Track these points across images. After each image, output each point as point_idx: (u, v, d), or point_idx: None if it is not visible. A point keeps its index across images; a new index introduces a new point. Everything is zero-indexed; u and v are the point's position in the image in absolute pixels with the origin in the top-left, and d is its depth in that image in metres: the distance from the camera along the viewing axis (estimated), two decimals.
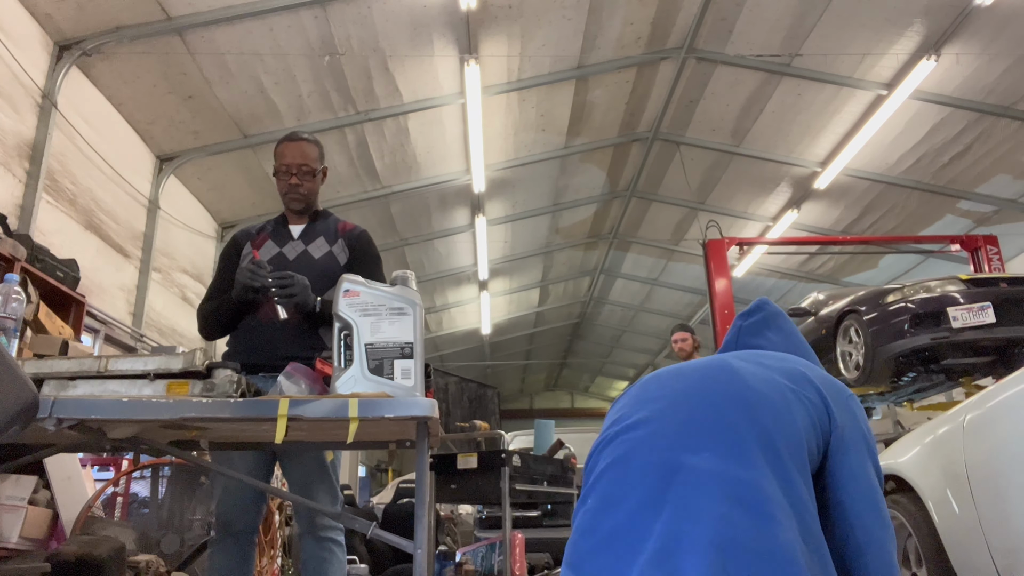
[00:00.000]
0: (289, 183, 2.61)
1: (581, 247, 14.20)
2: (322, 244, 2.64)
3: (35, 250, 5.34)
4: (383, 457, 19.12)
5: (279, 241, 2.65)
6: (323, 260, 2.61)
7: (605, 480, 1.36)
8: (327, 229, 2.69)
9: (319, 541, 2.41)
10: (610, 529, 1.28)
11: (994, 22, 7.35)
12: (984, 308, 5.16)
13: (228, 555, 2.41)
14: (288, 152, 2.61)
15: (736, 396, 1.38)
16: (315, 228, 2.69)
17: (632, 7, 7.84)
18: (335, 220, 2.76)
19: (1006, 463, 2.11)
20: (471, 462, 3.89)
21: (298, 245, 2.63)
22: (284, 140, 2.65)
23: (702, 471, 1.27)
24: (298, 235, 2.66)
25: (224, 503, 2.43)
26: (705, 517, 1.21)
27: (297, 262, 2.58)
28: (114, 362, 1.81)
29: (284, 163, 2.61)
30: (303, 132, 2.73)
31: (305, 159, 2.61)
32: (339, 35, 7.11)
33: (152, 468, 4.47)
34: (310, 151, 2.63)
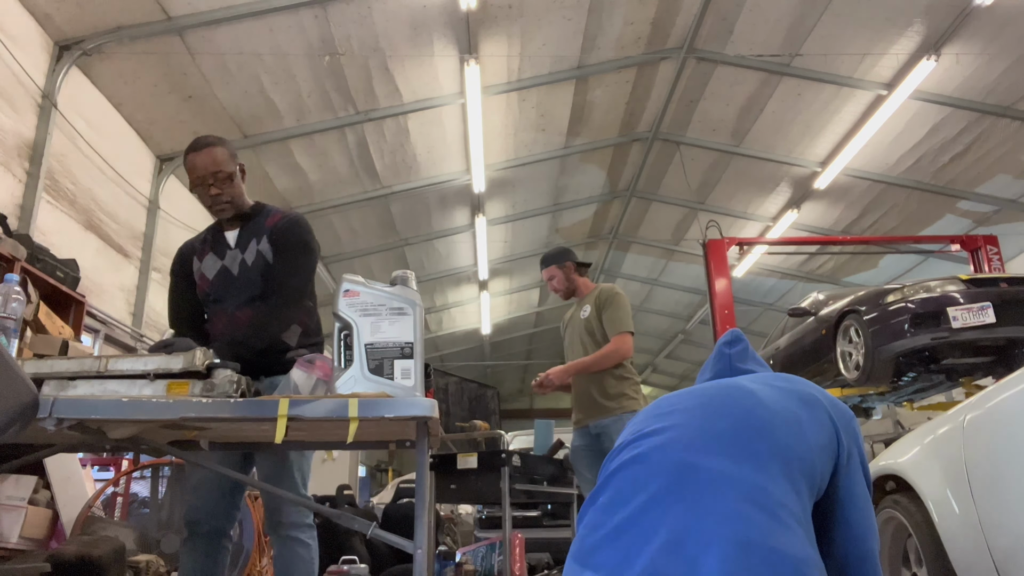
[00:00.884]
0: (210, 195, 2.45)
1: (581, 247, 14.19)
2: (253, 248, 2.52)
3: (35, 250, 5.33)
4: (383, 457, 19.12)
5: (219, 253, 2.55)
6: (255, 266, 2.50)
7: (617, 478, 1.36)
8: (258, 228, 2.54)
9: (283, 541, 2.39)
10: (619, 522, 1.27)
11: (994, 22, 7.35)
12: (984, 308, 5.16)
13: (195, 556, 2.40)
14: (198, 163, 2.44)
15: (751, 412, 1.40)
16: (248, 230, 2.55)
17: (632, 7, 7.84)
18: (267, 214, 2.60)
19: (1006, 463, 2.11)
20: (471, 462, 3.89)
21: (236, 255, 2.53)
22: (189, 151, 2.47)
23: (718, 472, 1.28)
24: (234, 243, 2.55)
25: (193, 503, 2.42)
26: (722, 514, 1.22)
27: (241, 276, 2.50)
28: (114, 362, 1.81)
29: (198, 175, 2.44)
30: (207, 136, 2.52)
31: (217, 165, 2.44)
32: (339, 35, 7.11)
33: (152, 468, 4.47)
34: (219, 155, 2.45)
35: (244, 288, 2.48)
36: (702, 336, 16.21)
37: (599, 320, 3.90)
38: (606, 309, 3.89)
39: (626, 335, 3.83)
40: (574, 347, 4.00)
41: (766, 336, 8.65)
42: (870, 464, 2.99)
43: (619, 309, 3.90)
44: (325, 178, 9.23)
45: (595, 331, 3.91)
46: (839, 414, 1.50)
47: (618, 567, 1.22)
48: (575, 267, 4.13)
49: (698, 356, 18.08)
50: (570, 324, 4.14)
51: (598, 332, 3.90)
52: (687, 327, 16.84)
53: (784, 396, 1.48)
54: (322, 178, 9.18)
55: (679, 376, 20.53)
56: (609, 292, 3.98)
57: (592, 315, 3.92)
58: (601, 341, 3.87)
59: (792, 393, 1.50)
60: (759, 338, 10.01)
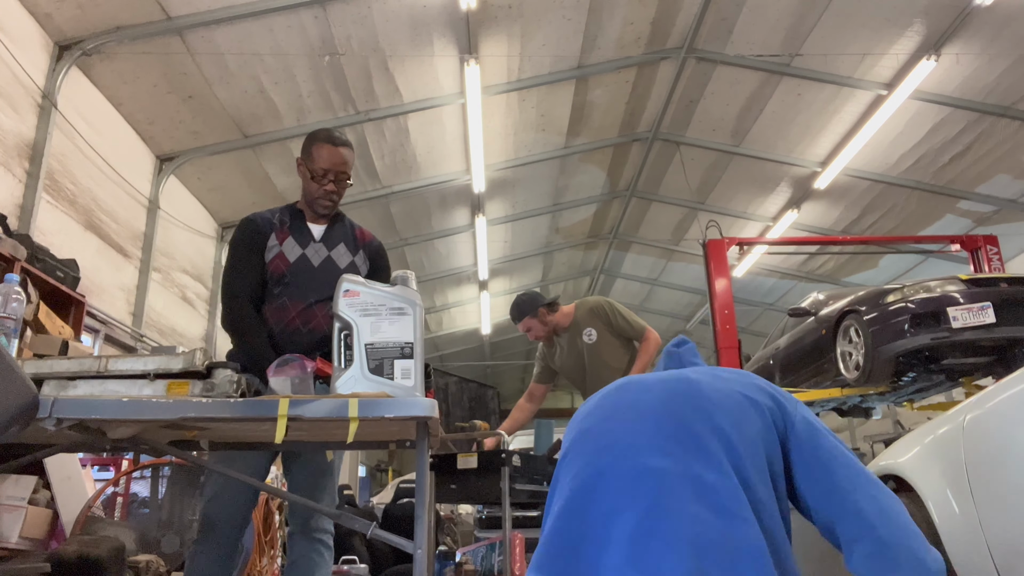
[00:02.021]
0: (325, 188, 2.50)
1: (581, 247, 14.20)
2: (344, 252, 2.56)
3: (35, 250, 5.33)
4: (383, 457, 19.11)
5: (301, 241, 2.54)
6: (347, 270, 2.52)
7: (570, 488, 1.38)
8: (346, 235, 2.61)
9: (311, 541, 2.40)
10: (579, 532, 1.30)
11: (994, 22, 7.35)
12: (984, 308, 5.16)
13: (210, 555, 2.38)
14: (330, 156, 2.48)
15: (696, 405, 1.43)
16: (335, 232, 2.59)
17: (632, 7, 7.84)
18: (351, 224, 2.67)
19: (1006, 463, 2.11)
20: (471, 462, 3.88)
21: (321, 249, 2.55)
22: (326, 141, 2.50)
23: (669, 473, 1.30)
24: (319, 237, 2.56)
25: (216, 503, 2.39)
26: (676, 516, 1.24)
27: (322, 268, 2.51)
28: (114, 362, 1.81)
29: (323, 167, 2.48)
30: (341, 134, 2.56)
31: (345, 166, 2.51)
32: (339, 35, 7.11)
33: (152, 468, 4.47)
34: (350, 157, 2.53)
35: (325, 284, 2.42)
36: (702, 336, 16.20)
37: (615, 334, 4.09)
38: (614, 320, 4.08)
39: (648, 327, 4.08)
40: (598, 372, 4.10)
41: (766, 336, 8.65)
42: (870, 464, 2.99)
43: (626, 315, 4.11)
44: None
45: (614, 346, 4.08)
46: (781, 392, 1.53)
47: None
48: (547, 309, 4.16)
49: None
50: (570, 354, 4.22)
51: (618, 347, 4.08)
52: (687, 327, 16.83)
53: (727, 384, 1.50)
54: None
55: None
56: (602, 307, 4.13)
57: (603, 333, 4.06)
58: (622, 350, 4.08)
59: (735, 382, 1.52)
60: (759, 338, 10.02)
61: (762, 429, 1.42)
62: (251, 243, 2.51)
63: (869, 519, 1.33)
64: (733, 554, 1.20)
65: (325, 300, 2.41)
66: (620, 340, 4.09)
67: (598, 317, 4.08)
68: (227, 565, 2.41)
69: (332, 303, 2.40)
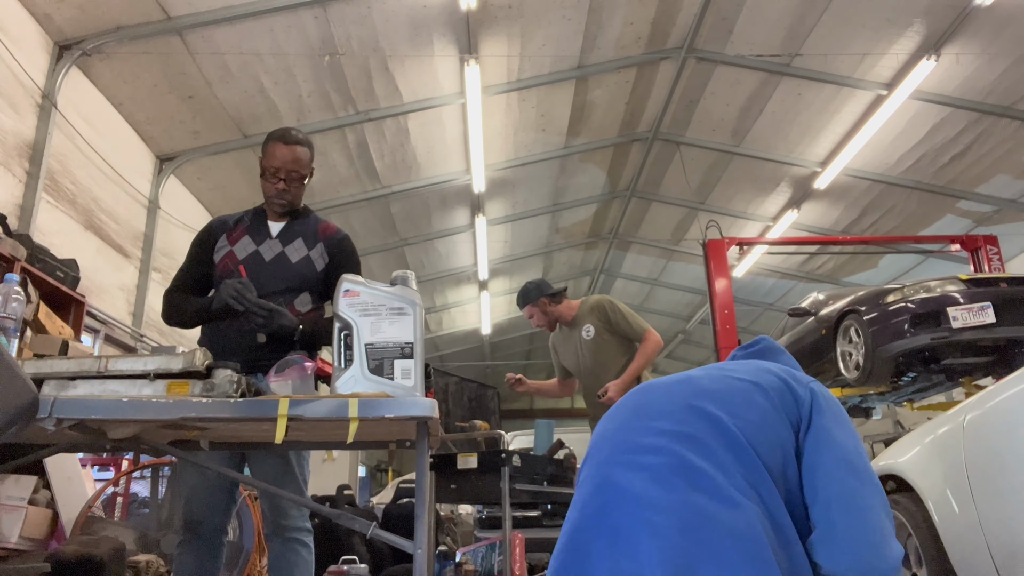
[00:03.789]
0: (276, 187, 2.51)
1: (581, 247, 14.20)
2: (300, 247, 2.55)
3: (35, 250, 5.33)
4: (383, 457, 19.12)
5: (256, 238, 2.56)
6: (300, 264, 2.52)
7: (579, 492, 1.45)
8: (306, 230, 2.59)
9: (286, 542, 2.38)
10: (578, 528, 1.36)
11: (994, 22, 7.35)
12: (984, 308, 5.16)
13: (196, 556, 2.39)
14: (279, 154, 2.49)
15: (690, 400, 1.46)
16: (294, 228, 2.59)
17: (632, 7, 7.84)
18: (316, 220, 2.66)
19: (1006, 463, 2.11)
20: (471, 462, 3.88)
21: (275, 245, 2.55)
22: (276, 140, 2.51)
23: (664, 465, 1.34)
24: (276, 233, 2.57)
25: (190, 504, 2.41)
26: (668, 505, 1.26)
27: (273, 263, 2.51)
28: (114, 362, 1.81)
29: (273, 165, 2.49)
30: (296, 132, 2.59)
31: (297, 164, 2.51)
32: (339, 35, 7.11)
33: (152, 468, 4.47)
34: (303, 155, 2.53)
35: (273, 279, 2.46)
36: (702, 336, 16.22)
37: (612, 332, 4.07)
38: (614, 320, 4.07)
39: (650, 329, 4.06)
40: (592, 369, 4.12)
41: None
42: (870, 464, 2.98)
43: (627, 314, 4.10)
44: (325, 178, 9.23)
45: (611, 344, 4.07)
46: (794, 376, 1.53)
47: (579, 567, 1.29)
48: (549, 299, 4.19)
49: (698, 356, 18.08)
50: (568, 349, 4.23)
51: (615, 346, 4.06)
52: (687, 327, 16.84)
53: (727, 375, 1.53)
54: (322, 178, 9.18)
55: None
56: (603, 305, 4.13)
57: (600, 330, 4.05)
58: (619, 350, 4.06)
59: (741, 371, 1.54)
60: None
61: (767, 410, 1.42)
62: (199, 244, 2.61)
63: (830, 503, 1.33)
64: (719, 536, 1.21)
65: (275, 294, 2.43)
66: (618, 339, 4.08)
67: (597, 315, 4.09)
68: (211, 564, 2.41)
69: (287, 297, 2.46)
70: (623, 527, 1.27)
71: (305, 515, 2.44)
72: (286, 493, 2.21)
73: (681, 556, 1.19)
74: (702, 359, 17.79)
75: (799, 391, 1.47)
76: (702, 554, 1.19)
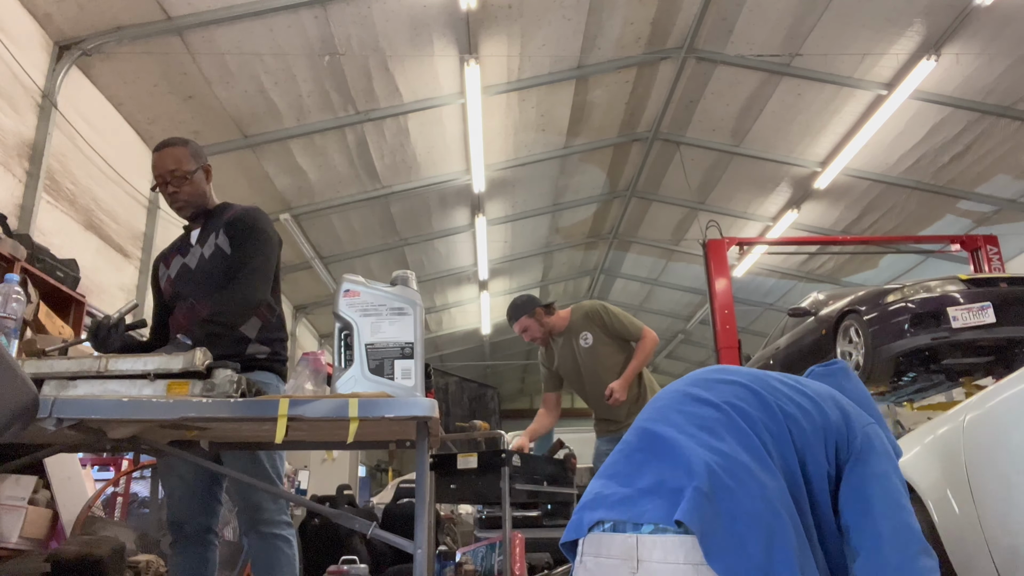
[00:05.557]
0: (168, 193, 2.57)
1: (581, 247, 14.19)
2: (211, 242, 2.58)
3: (35, 250, 5.33)
4: (383, 457, 19.11)
5: (183, 252, 2.62)
6: (213, 258, 2.54)
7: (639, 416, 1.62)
8: (217, 224, 2.61)
9: (263, 537, 2.36)
10: (636, 446, 1.49)
11: (994, 22, 7.35)
12: (984, 308, 5.16)
13: (186, 556, 2.41)
14: (156, 163, 2.56)
15: (759, 385, 1.56)
16: (208, 227, 2.63)
17: (632, 7, 7.84)
18: (228, 209, 2.67)
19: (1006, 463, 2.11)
20: (471, 462, 3.88)
21: (196, 250, 2.59)
22: (154, 151, 2.61)
23: (713, 419, 1.45)
24: (195, 240, 2.62)
25: (172, 506, 2.43)
26: (711, 448, 1.37)
27: (197, 269, 2.55)
28: (114, 362, 1.81)
29: (157, 174, 2.57)
30: (170, 138, 2.65)
31: (175, 164, 2.55)
32: (339, 35, 7.11)
33: (152, 468, 4.47)
34: (179, 154, 2.56)
35: (202, 281, 2.50)
36: (702, 336, 16.22)
37: (610, 336, 4.11)
38: (611, 324, 4.11)
39: (645, 327, 4.11)
40: (595, 373, 4.15)
41: (766, 336, 8.65)
42: None
43: (622, 316, 4.14)
44: (325, 178, 9.23)
45: (610, 348, 4.10)
46: (855, 410, 1.58)
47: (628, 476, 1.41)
48: (544, 310, 4.22)
49: (698, 356, 18.07)
50: (566, 358, 4.24)
51: (614, 349, 4.10)
52: (687, 327, 16.84)
53: (795, 390, 1.58)
54: (322, 178, 9.18)
55: (679, 376, 20.48)
56: (597, 311, 4.17)
57: (599, 336, 4.07)
58: (618, 351, 4.10)
59: (807, 386, 1.61)
60: (759, 338, 10.02)
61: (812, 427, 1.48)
62: (153, 283, 2.74)
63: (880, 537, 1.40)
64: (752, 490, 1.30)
65: (207, 295, 2.46)
66: (616, 342, 4.11)
67: (593, 321, 4.13)
68: (203, 557, 2.42)
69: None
70: (670, 445, 1.39)
71: (283, 508, 2.42)
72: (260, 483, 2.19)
73: (717, 490, 1.28)
74: (702, 359, 17.78)
75: (854, 423, 1.53)
76: (733, 497, 1.28)
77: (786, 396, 1.52)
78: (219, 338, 2.23)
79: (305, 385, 1.93)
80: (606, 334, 4.10)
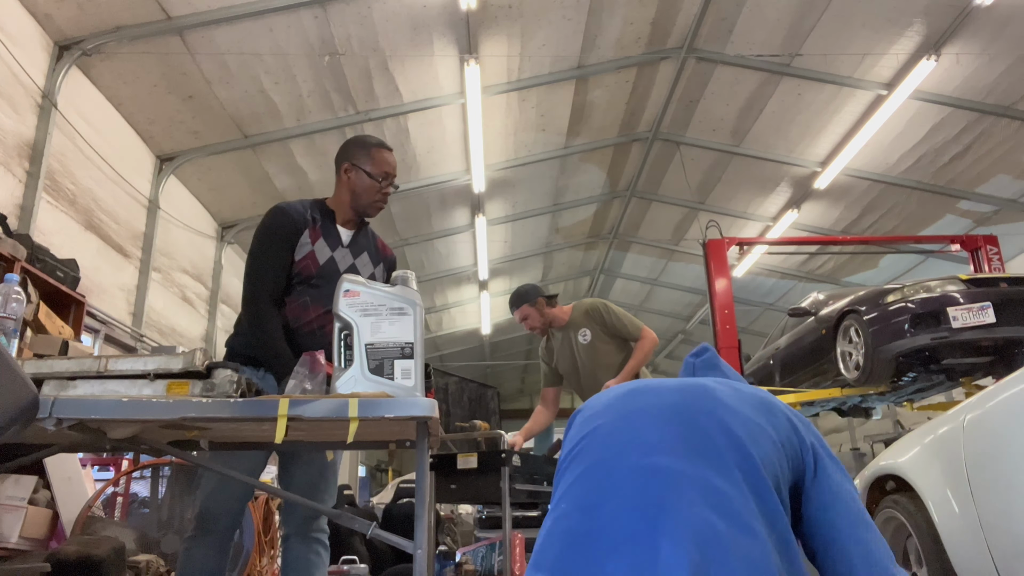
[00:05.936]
0: (383, 192, 2.56)
1: (581, 247, 14.19)
2: (367, 262, 2.58)
3: (35, 250, 5.33)
4: (383, 457, 19.12)
5: (330, 243, 2.53)
6: (369, 279, 2.55)
7: (578, 486, 1.35)
8: (370, 245, 2.64)
9: (309, 543, 2.39)
10: (584, 530, 1.27)
11: (994, 22, 7.35)
12: (984, 308, 5.16)
13: (208, 551, 2.37)
14: (391, 161, 2.59)
15: (712, 412, 1.40)
16: (361, 240, 2.61)
17: (632, 7, 7.84)
18: (373, 235, 2.70)
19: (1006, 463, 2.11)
20: (471, 462, 3.89)
21: (347, 255, 2.55)
22: (381, 147, 2.60)
23: (681, 474, 1.28)
24: (347, 242, 2.57)
25: (212, 499, 2.38)
26: (683, 516, 1.21)
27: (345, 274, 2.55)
28: (114, 362, 1.81)
29: (386, 171, 2.56)
30: None
31: (396, 173, 2.61)
32: (339, 35, 7.11)
33: (152, 468, 4.48)
34: None
35: None
36: (702, 336, 16.21)
37: (609, 334, 4.11)
38: (610, 322, 4.11)
39: (645, 327, 4.10)
40: (592, 370, 4.15)
41: (766, 336, 8.65)
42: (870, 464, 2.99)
43: (622, 316, 4.14)
44: (325, 178, 9.22)
45: (609, 346, 4.10)
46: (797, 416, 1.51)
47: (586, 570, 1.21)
48: (546, 301, 4.23)
49: None
50: (564, 353, 4.24)
51: (613, 348, 4.10)
52: (687, 327, 16.84)
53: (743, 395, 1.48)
54: (322, 178, 9.18)
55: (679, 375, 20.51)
56: (598, 308, 4.17)
57: (598, 333, 4.09)
58: (616, 350, 4.10)
59: (750, 394, 1.50)
60: (759, 338, 10.02)
61: (776, 443, 1.40)
62: (284, 237, 2.43)
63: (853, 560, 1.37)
64: (738, 563, 1.17)
65: None
66: (615, 341, 4.12)
67: (592, 318, 4.13)
68: (222, 560, 2.41)
69: None
70: (632, 533, 1.22)
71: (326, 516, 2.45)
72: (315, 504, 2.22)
73: (698, 569, 1.16)
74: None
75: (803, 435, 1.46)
76: (717, 573, 1.16)
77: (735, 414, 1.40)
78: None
79: (304, 385, 1.93)
80: (605, 332, 4.10)
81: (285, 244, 2.42)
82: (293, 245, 2.42)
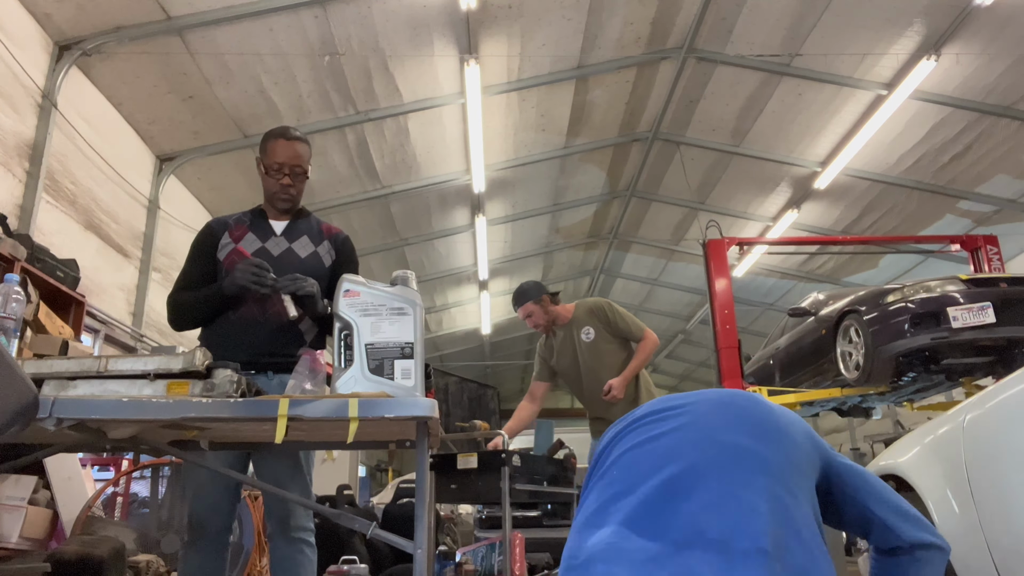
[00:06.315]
0: (281, 183, 2.55)
1: (581, 247, 14.19)
2: (307, 243, 2.59)
3: (35, 250, 5.33)
4: (383, 457, 19.11)
5: (260, 235, 2.58)
6: (309, 260, 2.56)
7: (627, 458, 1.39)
8: (310, 229, 2.65)
9: (291, 542, 2.38)
10: (648, 490, 1.29)
11: (994, 22, 7.35)
12: (984, 308, 5.16)
13: (203, 556, 2.38)
14: (282, 151, 2.54)
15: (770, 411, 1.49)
16: (298, 226, 2.63)
17: (632, 7, 7.84)
18: (317, 220, 2.72)
19: (1006, 463, 2.11)
20: (471, 462, 3.88)
21: (281, 242, 2.58)
22: (277, 136, 2.57)
23: (744, 448, 1.34)
24: (280, 231, 2.61)
25: (199, 502, 2.40)
26: (761, 484, 1.27)
27: (281, 259, 2.53)
28: (114, 362, 1.81)
29: (277, 161, 2.54)
30: (294, 129, 2.65)
31: (299, 160, 2.56)
32: (339, 35, 7.11)
33: (152, 468, 4.48)
34: (303, 151, 2.58)
35: (282, 274, 2.44)
36: (702, 336, 16.22)
37: (612, 334, 4.13)
38: (613, 321, 4.13)
39: (647, 328, 4.13)
40: (594, 368, 4.15)
41: (766, 336, 8.65)
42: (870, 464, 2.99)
43: (626, 316, 4.16)
44: (325, 178, 9.23)
45: (612, 348, 4.11)
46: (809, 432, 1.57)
47: (654, 525, 1.23)
48: (549, 298, 4.24)
49: (698, 356, 18.08)
50: (566, 351, 4.24)
51: (615, 347, 4.12)
52: (687, 327, 16.84)
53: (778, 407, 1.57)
54: (322, 178, 9.18)
55: (679, 376, 20.53)
56: (602, 307, 4.18)
57: (601, 333, 4.11)
58: (618, 350, 4.12)
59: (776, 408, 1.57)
60: (759, 338, 10.02)
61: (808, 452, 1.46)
62: (200, 246, 2.61)
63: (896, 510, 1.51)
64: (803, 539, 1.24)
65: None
66: (617, 341, 4.13)
67: (596, 317, 4.14)
68: (220, 562, 2.41)
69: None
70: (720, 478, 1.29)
71: (310, 514, 2.44)
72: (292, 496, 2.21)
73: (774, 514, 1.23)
74: (702, 359, 17.79)
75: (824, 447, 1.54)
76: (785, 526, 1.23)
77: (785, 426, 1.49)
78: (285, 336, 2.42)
79: (304, 385, 1.93)
80: (608, 331, 4.11)
81: (200, 253, 2.60)
82: (211, 251, 2.57)
